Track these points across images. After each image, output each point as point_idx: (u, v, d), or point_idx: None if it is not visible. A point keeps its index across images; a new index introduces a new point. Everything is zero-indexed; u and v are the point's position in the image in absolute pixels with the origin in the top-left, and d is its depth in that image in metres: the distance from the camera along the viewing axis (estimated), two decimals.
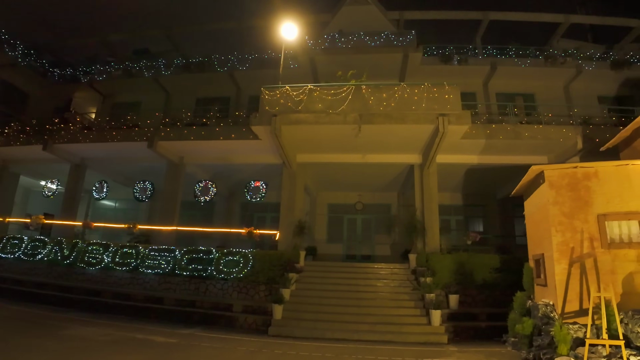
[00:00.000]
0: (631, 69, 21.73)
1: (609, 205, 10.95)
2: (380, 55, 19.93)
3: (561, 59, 21.79)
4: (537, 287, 12.30)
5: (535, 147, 17.17)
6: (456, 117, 14.94)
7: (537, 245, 12.38)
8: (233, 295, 15.25)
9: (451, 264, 15.25)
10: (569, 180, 11.17)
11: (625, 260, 10.58)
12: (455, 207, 22.61)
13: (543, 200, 11.53)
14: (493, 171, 19.06)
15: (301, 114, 14.87)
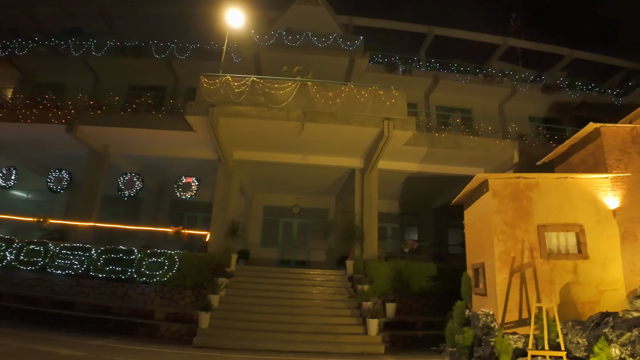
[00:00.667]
0: (560, 94, 22.62)
1: (549, 216, 10.75)
2: (327, 57, 19.16)
3: (498, 79, 22.22)
4: (475, 297, 11.86)
5: (474, 158, 17.10)
6: (401, 122, 14.43)
7: (477, 254, 11.96)
8: (155, 300, 13.62)
9: (389, 271, 14.63)
10: (511, 190, 10.87)
11: (563, 270, 10.37)
12: (392, 215, 22.23)
13: (486, 209, 11.13)
14: (431, 180, 18.86)
15: (241, 106, 13.65)
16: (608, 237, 10.73)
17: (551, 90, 22.56)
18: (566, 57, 24.26)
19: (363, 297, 13.09)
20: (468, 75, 22.11)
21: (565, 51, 23.94)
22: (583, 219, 10.79)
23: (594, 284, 10.40)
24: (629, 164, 11.29)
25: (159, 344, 11.46)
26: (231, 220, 15.79)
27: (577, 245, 10.69)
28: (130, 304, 13.35)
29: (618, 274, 10.53)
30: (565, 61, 24.55)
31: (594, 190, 11.05)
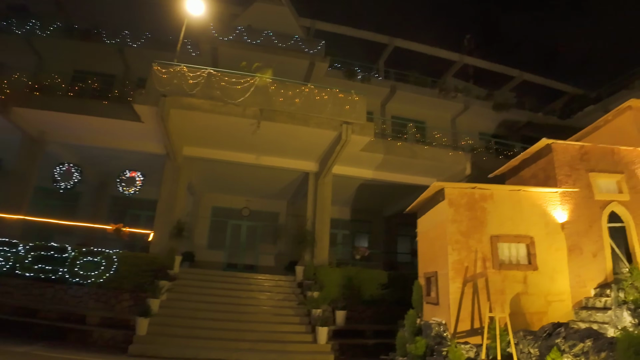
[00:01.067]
0: (509, 113, 23.31)
1: (502, 227, 10.71)
2: (287, 58, 18.62)
3: (452, 94, 22.57)
4: (426, 305, 11.61)
5: (428, 168, 17.10)
6: (360, 127, 14.11)
7: (430, 262, 11.75)
8: (89, 304, 12.37)
9: (339, 278, 14.18)
10: (467, 200, 10.76)
11: (514, 281, 10.33)
12: (343, 222, 21.87)
13: (441, 217, 10.95)
14: (384, 188, 18.69)
15: (196, 99, 12.77)
16: (556, 249, 10.83)
17: (501, 109, 23.21)
18: (516, 79, 25.14)
19: (313, 304, 12.53)
20: (424, 88, 22.33)
21: (516, 72, 24.81)
22: (533, 231, 10.85)
23: (543, 295, 10.43)
24: (577, 180, 11.50)
25: (91, 351, 10.34)
26: (177, 220, 14.77)
27: (528, 257, 10.71)
28: (60, 306, 12.01)
29: (565, 286, 10.64)
30: (515, 82, 25.42)
31: (544, 203, 11.15)
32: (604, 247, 11.12)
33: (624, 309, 9.03)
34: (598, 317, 9.71)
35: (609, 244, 11.22)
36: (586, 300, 10.55)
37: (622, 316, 9.00)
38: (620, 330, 8.95)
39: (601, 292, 10.51)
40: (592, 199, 11.44)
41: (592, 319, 9.84)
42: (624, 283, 9.68)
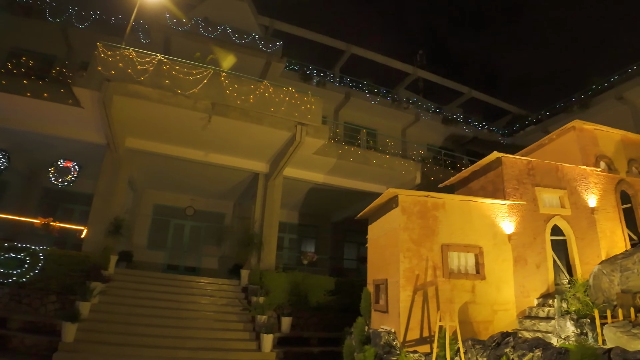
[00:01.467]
0: (456, 127, 23.87)
1: (452, 236, 10.63)
2: (243, 55, 17.92)
3: (405, 105, 22.80)
4: (375, 313, 11.29)
5: (379, 175, 16.98)
6: (315, 130, 13.71)
7: (380, 270, 11.47)
8: (9, 305, 10.98)
9: (286, 283, 13.63)
10: (420, 208, 10.60)
11: (462, 290, 10.25)
12: (290, 225, 21.32)
13: (394, 225, 10.71)
14: (334, 194, 18.35)
15: (143, 86, 11.76)
16: (503, 260, 10.90)
17: (449, 123, 23.75)
18: (465, 95, 25.86)
19: (258, 310, 11.87)
20: (378, 97, 22.38)
21: (465, 89, 25.52)
22: (482, 241, 10.86)
23: (489, 304, 10.41)
24: (524, 193, 11.70)
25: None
26: (114, 217, 13.53)
27: (476, 266, 10.69)
28: None
29: (510, 295, 10.70)
30: (463, 98, 26.15)
31: (493, 215, 11.21)
32: (547, 258, 11.34)
33: (567, 318, 9.15)
34: (541, 326, 9.80)
35: (552, 255, 11.48)
36: (529, 310, 10.66)
37: (565, 326, 9.11)
38: (563, 339, 9.09)
39: (544, 302, 10.67)
40: (537, 212, 11.67)
41: (535, 328, 9.92)
42: (566, 294, 9.86)
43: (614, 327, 8.14)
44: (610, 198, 12.67)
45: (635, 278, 9.44)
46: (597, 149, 13.31)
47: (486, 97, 25.99)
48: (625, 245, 12.32)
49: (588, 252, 11.78)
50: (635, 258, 9.54)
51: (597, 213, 12.20)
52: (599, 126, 13.56)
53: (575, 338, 8.85)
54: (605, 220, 12.32)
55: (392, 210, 10.98)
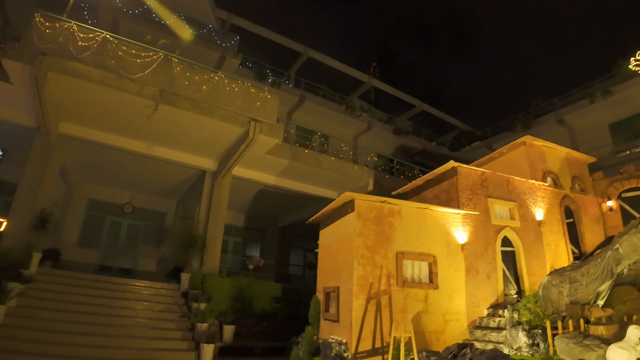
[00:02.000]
0: (407, 138, 24.00)
1: (407, 244, 10.28)
2: (197, 47, 16.86)
3: (358, 112, 22.59)
4: (324, 322, 10.66)
5: (331, 180, 16.49)
6: (269, 128, 12.97)
7: (331, 277, 10.87)
8: None
9: (230, 289, 12.70)
10: (375, 214, 10.16)
11: (416, 299, 9.89)
12: (235, 228, 20.26)
13: (348, 230, 10.19)
14: (283, 197, 17.63)
15: (84, 65, 10.43)
16: (455, 269, 10.69)
17: (400, 134, 23.85)
18: (416, 108, 26.12)
19: (198, 318, 10.82)
20: (332, 103, 22.00)
21: (417, 102, 25.79)
22: (436, 250, 10.59)
23: (441, 314, 10.12)
24: (477, 204, 11.62)
25: None
26: (41, 210, 11.92)
27: (429, 275, 10.39)
28: None
29: (461, 305, 10.48)
30: (414, 111, 26.43)
31: (447, 224, 11.01)
32: (497, 269, 11.28)
33: (519, 329, 8.99)
34: (493, 336, 9.61)
35: (502, 266, 11.44)
36: (480, 320, 10.49)
37: (517, 336, 8.94)
38: (515, 349, 8.92)
39: (494, 313, 10.54)
40: (489, 223, 11.62)
41: (487, 339, 9.72)
42: (518, 304, 9.76)
43: (566, 338, 8.04)
44: (555, 212, 12.94)
45: (584, 290, 9.52)
46: (544, 164, 13.60)
47: (436, 112, 26.46)
48: (568, 259, 12.59)
49: (535, 264, 11.89)
50: (583, 271, 9.63)
51: (543, 226, 12.39)
52: (547, 143, 13.91)
53: (528, 349, 8.71)
54: (551, 233, 12.54)
55: (347, 215, 10.45)
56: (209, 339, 9.87)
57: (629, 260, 9.45)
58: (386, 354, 9.08)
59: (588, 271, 9.55)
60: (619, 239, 9.53)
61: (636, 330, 7.18)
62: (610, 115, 19.53)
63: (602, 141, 19.27)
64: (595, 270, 9.49)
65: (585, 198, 13.88)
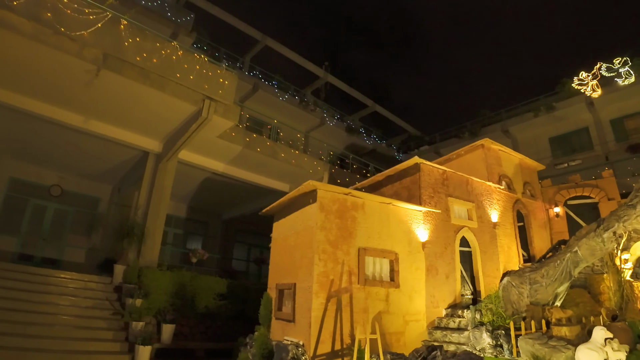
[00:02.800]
0: (359, 137, 23.57)
1: (370, 240, 9.57)
2: (149, 20, 15.07)
3: (312, 107, 21.80)
4: (277, 322, 9.67)
5: (284, 172, 15.54)
6: (225, 109, 11.79)
7: (286, 273, 9.90)
8: None
9: (170, 284, 11.33)
10: (339, 207, 9.35)
11: (377, 298, 9.20)
12: (176, 219, 18.65)
13: (309, 223, 9.29)
14: (231, 188, 16.39)
15: (14, 14, 8.67)
16: (416, 268, 10.15)
17: (352, 132, 23.36)
18: (369, 108, 25.73)
19: (134, 316, 9.44)
20: (286, 94, 21.02)
21: (370, 102, 25.40)
22: (398, 247, 9.99)
23: (402, 314, 9.51)
24: (438, 202, 11.19)
25: None
26: None
27: (391, 273, 9.75)
28: None
29: (421, 305, 9.95)
30: (367, 111, 26.04)
31: (410, 221, 10.46)
32: (455, 269, 10.90)
33: (482, 330, 8.57)
34: (454, 337, 9.13)
35: (459, 266, 11.08)
36: (439, 321, 10.00)
37: (481, 337, 8.50)
38: (478, 350, 8.48)
39: (452, 313, 10.10)
40: (449, 223, 11.24)
41: (447, 340, 9.23)
42: (480, 305, 9.35)
43: (530, 339, 7.68)
44: (508, 215, 12.88)
45: (543, 291, 9.34)
46: (500, 168, 13.54)
47: (388, 114, 26.24)
48: (519, 261, 12.55)
49: (489, 265, 11.69)
50: (543, 272, 9.45)
51: (498, 228, 12.25)
52: (503, 147, 13.89)
53: (492, 350, 8.30)
54: (504, 235, 12.43)
55: (308, 206, 9.55)
56: (145, 340, 8.54)
57: (586, 263, 9.41)
58: (347, 356, 8.30)
59: (547, 272, 9.39)
60: (578, 242, 9.47)
61: (601, 331, 6.96)
62: (551, 129, 20.29)
63: (542, 153, 19.88)
64: (554, 272, 9.35)
65: (535, 203, 14.02)
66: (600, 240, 9.26)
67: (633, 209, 9.25)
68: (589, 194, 13.54)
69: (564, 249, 9.77)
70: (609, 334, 7.04)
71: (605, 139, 19.05)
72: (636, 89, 17.76)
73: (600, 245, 9.29)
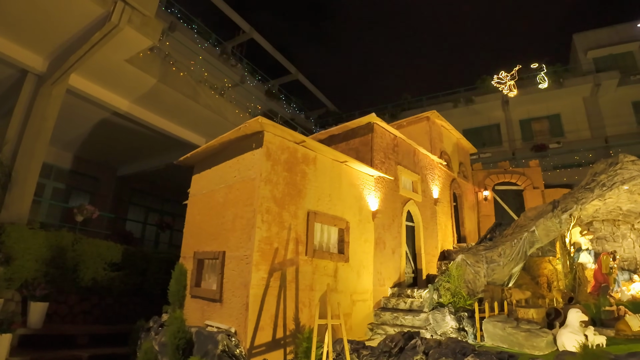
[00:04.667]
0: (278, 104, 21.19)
1: (320, 203, 7.44)
2: None
3: (233, 62, 18.78)
4: (194, 301, 7.10)
5: (203, 121, 12.64)
6: (143, 20, 8.54)
7: (211, 238, 7.32)
8: None
9: (44, 247, 7.93)
10: (288, 157, 7.03)
11: (324, 273, 7.14)
12: (58, 170, 14.37)
13: (249, 173, 6.81)
14: (133, 135, 12.84)
15: None
16: (365, 240, 8.31)
17: (272, 97, 20.86)
18: (291, 75, 23.13)
19: None
20: (206, 42, 17.70)
21: (293, 70, 22.86)
22: (349, 214, 8.02)
23: (349, 293, 7.60)
24: (389, 169, 9.48)
25: None
26: None
27: (340, 245, 7.76)
28: None
29: (369, 283, 8.16)
30: (288, 79, 23.42)
31: (361, 186, 8.55)
32: (401, 244, 9.33)
33: (444, 312, 7.01)
34: (407, 320, 7.48)
35: (405, 242, 9.53)
36: (385, 301, 8.32)
37: (443, 320, 6.94)
38: (439, 335, 6.93)
39: (400, 292, 8.49)
40: (398, 193, 9.60)
41: (399, 322, 7.56)
42: (437, 284, 7.83)
43: (499, 322, 6.32)
44: (446, 193, 11.74)
45: (500, 271, 8.15)
46: (442, 144, 12.34)
47: (309, 85, 23.98)
48: (453, 241, 11.49)
49: (429, 243, 10.36)
50: (500, 251, 8.26)
51: (438, 205, 11.00)
52: (446, 123, 12.68)
53: (456, 334, 6.79)
54: (442, 213, 11.25)
55: (249, 152, 7.02)
56: (3, 324, 5.36)
57: (541, 243, 8.48)
58: (289, 345, 6.13)
59: (504, 252, 8.24)
60: (535, 222, 8.50)
61: (577, 314, 5.99)
62: (467, 122, 20.20)
63: None
64: (511, 252, 8.23)
65: (467, 185, 13.17)
66: (558, 222, 8.41)
67: (590, 192, 8.54)
68: (516, 181, 13.08)
69: (519, 229, 8.75)
70: (584, 317, 6.04)
71: (513, 137, 19.41)
72: (545, 96, 18.43)
73: (557, 227, 8.44)
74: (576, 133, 17.96)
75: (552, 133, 18.66)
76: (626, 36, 18.14)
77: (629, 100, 17.33)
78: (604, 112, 17.73)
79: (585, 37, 19.09)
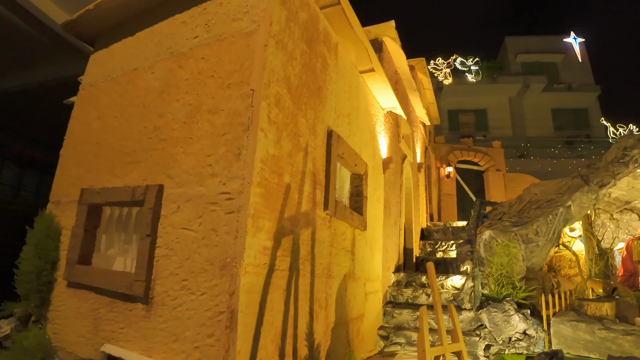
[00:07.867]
0: None
1: (339, 122, 3.77)
2: None
3: None
4: (79, 294, 2.74)
5: None
6: None
7: (124, 161, 3.01)
8: None
9: None
10: (308, 20, 3.17)
11: (342, 247, 3.49)
12: None
13: (238, 25, 2.75)
14: None
15: None
16: (377, 200, 4.94)
17: None
18: None
19: None
20: None
21: None
22: (365, 154, 4.58)
23: (363, 280, 4.16)
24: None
25: None
26: None
27: (355, 199, 4.28)
28: None
29: (379, 266, 4.81)
30: None
31: (375, 116, 5.19)
32: (402, 213, 6.19)
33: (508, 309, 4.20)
34: None
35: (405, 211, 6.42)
36: (394, 292, 5.09)
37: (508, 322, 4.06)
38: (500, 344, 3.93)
39: (408, 280, 5.36)
40: (399, 145, 6.45)
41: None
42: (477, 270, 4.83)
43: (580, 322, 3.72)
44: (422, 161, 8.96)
45: (539, 253, 5.52)
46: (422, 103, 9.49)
47: None
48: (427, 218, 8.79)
49: (416, 216, 7.45)
50: (535, 228, 5.68)
51: (420, 172, 8.17)
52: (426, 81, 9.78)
53: (526, 342, 3.94)
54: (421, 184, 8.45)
55: None
56: None
57: (574, 221, 6.25)
58: None
59: (540, 229, 5.70)
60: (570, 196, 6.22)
61: None
62: None
63: None
64: (547, 229, 5.72)
65: (432, 158, 10.64)
66: (594, 197, 6.22)
67: (625, 167, 6.58)
68: (479, 160, 11.02)
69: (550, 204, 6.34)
70: None
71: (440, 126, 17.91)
72: (476, 89, 17.28)
73: (591, 203, 6.24)
74: (500, 130, 17.15)
75: (477, 127, 17.63)
76: (553, 47, 17.93)
77: (549, 107, 17.17)
78: (526, 113, 17.32)
79: (517, 42, 18.49)
